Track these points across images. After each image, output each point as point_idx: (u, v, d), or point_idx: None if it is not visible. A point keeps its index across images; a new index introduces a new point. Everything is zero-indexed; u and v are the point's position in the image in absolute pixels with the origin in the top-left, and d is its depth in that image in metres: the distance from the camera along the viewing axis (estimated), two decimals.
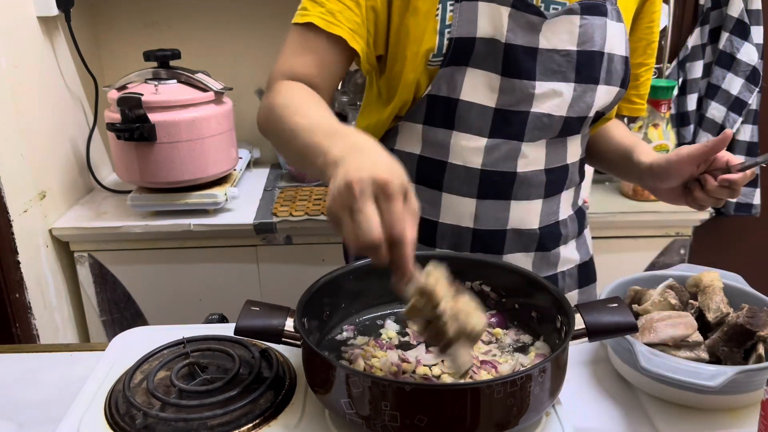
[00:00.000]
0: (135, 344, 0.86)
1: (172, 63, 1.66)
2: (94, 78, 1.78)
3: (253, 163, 2.04)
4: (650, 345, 0.81)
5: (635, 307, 0.90)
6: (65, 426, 0.72)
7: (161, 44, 1.78)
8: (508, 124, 0.95)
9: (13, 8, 1.52)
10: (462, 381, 0.71)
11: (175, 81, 1.62)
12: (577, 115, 0.98)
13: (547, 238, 1.04)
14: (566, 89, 0.95)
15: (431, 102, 0.97)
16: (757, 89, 1.99)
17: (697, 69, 2.05)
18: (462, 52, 0.92)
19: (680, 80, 2.06)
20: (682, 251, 1.78)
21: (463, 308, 0.65)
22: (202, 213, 1.67)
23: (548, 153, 1.00)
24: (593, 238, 1.20)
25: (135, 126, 1.53)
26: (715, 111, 2.05)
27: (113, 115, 1.57)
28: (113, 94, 1.59)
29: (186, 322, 1.00)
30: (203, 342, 0.84)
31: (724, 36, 1.98)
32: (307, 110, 0.85)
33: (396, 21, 0.94)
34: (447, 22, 0.91)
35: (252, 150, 2.02)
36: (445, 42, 0.92)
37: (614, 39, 0.96)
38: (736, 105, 2.01)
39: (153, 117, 1.54)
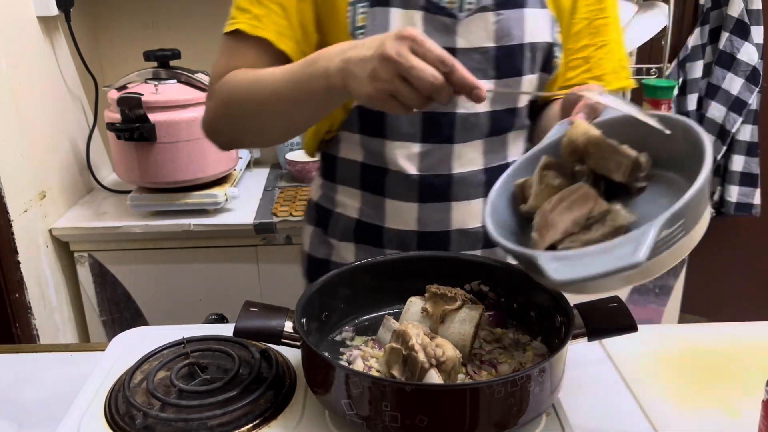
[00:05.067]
0: (135, 344, 0.87)
1: (172, 63, 1.66)
2: (94, 78, 1.78)
3: (253, 163, 2.04)
4: (557, 244, 0.67)
5: (523, 207, 0.75)
6: (65, 426, 0.72)
7: (161, 44, 1.78)
8: (438, 127, 0.95)
9: (13, 8, 1.52)
10: (462, 381, 0.71)
11: (175, 81, 1.63)
12: (504, 107, 0.97)
13: None
14: (487, 86, 0.93)
15: (361, 112, 0.97)
16: (757, 89, 1.99)
17: (697, 69, 2.05)
18: None
19: (680, 80, 2.06)
20: None
21: (436, 342, 0.69)
22: (202, 213, 1.67)
23: (486, 153, 1.00)
24: None
25: (135, 126, 1.53)
26: (716, 111, 2.05)
27: (113, 115, 1.57)
28: (113, 94, 1.59)
29: (186, 322, 1.00)
30: (203, 342, 0.84)
31: (724, 36, 1.98)
32: (272, 69, 0.88)
33: (322, 25, 0.94)
34: (358, 24, 0.92)
35: (252, 150, 2.02)
36: None
37: (536, 27, 0.96)
38: (737, 105, 2.01)
39: (153, 117, 1.54)
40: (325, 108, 0.88)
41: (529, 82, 0.97)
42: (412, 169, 0.97)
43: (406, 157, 0.97)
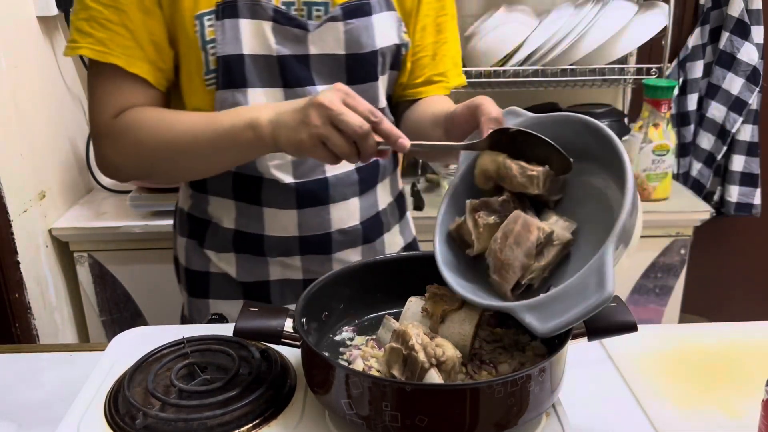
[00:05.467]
0: (135, 344, 0.86)
1: None
2: None
3: None
4: (520, 282, 0.70)
5: (470, 252, 0.76)
6: (65, 426, 0.72)
7: None
8: None
9: (13, 8, 1.52)
10: (462, 381, 0.71)
11: None
12: None
13: (370, 230, 1.07)
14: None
15: None
16: (758, 89, 1.99)
17: (697, 69, 2.05)
18: (235, 72, 0.92)
19: (681, 80, 2.06)
20: (683, 251, 1.78)
21: (436, 342, 0.69)
22: None
23: None
24: None
25: None
26: (716, 111, 2.05)
27: None
28: None
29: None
30: (203, 342, 0.84)
31: (725, 36, 1.98)
32: (188, 115, 0.91)
33: (175, 40, 0.93)
34: (208, 38, 0.91)
35: None
36: (211, 58, 0.91)
37: (384, 32, 0.97)
38: (737, 105, 2.01)
39: None
40: (247, 157, 0.91)
41: (381, 82, 1.01)
42: (287, 178, 0.98)
43: (279, 167, 0.98)
